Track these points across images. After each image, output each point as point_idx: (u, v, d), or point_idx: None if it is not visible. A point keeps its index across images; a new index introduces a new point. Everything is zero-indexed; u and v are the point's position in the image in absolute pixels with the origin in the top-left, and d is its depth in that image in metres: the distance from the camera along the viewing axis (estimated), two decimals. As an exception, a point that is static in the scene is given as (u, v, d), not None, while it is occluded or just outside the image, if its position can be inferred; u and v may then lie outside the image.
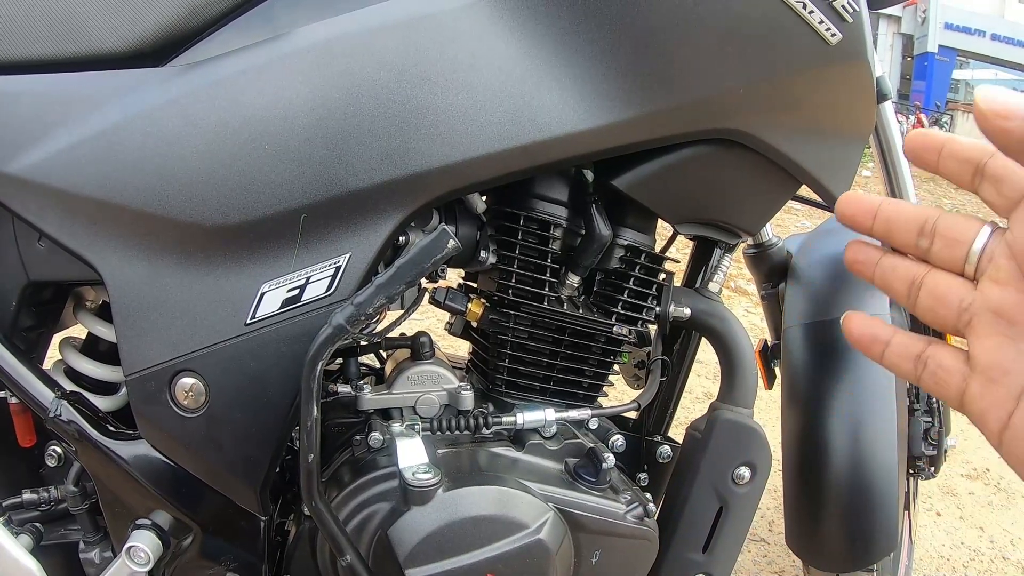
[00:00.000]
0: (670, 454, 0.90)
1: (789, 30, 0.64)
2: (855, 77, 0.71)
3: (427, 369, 0.76)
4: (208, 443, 0.63)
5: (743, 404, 0.85)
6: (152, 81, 0.60)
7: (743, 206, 0.77)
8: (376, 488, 0.68)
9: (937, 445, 1.20)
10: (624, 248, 0.77)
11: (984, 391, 0.32)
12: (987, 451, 2.42)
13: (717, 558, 0.85)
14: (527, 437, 0.77)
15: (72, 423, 0.64)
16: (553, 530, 0.68)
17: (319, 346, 0.56)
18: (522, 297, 0.74)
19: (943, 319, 0.34)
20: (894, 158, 1.09)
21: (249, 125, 0.58)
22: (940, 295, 0.34)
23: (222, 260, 0.60)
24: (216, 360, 0.61)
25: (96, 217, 0.60)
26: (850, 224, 0.37)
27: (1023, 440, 0.30)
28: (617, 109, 0.62)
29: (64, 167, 0.59)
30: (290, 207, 0.59)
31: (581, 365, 0.79)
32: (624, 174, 0.69)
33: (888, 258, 0.36)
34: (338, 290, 0.61)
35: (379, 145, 0.59)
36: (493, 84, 0.60)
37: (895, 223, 0.35)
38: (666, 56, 0.62)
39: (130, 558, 0.64)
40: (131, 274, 0.61)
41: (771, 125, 0.69)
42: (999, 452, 0.32)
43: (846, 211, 0.37)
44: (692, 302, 0.85)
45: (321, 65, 0.59)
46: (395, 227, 0.61)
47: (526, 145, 0.60)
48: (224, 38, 0.63)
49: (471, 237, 0.74)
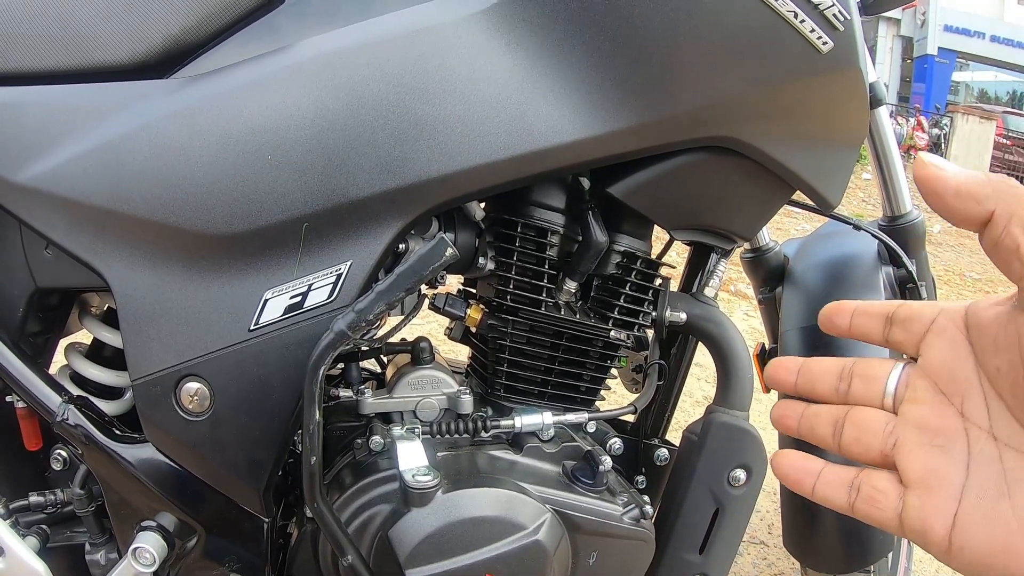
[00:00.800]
0: (667, 457, 0.91)
1: (781, 39, 0.64)
2: (847, 84, 0.71)
3: (427, 374, 0.77)
4: (212, 446, 0.64)
5: (739, 407, 0.85)
6: (157, 92, 0.62)
7: (738, 212, 0.79)
8: (377, 490, 0.70)
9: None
10: (620, 254, 0.78)
11: (923, 502, 0.32)
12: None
13: (714, 559, 0.86)
14: (525, 440, 0.78)
15: (79, 427, 0.65)
16: (550, 531, 0.70)
17: (321, 351, 0.57)
18: (520, 303, 0.75)
19: (869, 447, 0.35)
20: (889, 163, 1.10)
21: (252, 136, 0.60)
22: (863, 425, 0.35)
23: (226, 268, 0.61)
24: (221, 365, 0.62)
25: (102, 225, 0.61)
26: (776, 386, 0.40)
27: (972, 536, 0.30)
28: (612, 118, 0.63)
29: (71, 176, 0.61)
30: (292, 216, 0.60)
31: (579, 369, 0.81)
32: (620, 181, 0.71)
33: (812, 407, 0.38)
34: (339, 297, 0.62)
35: (379, 155, 0.60)
36: (490, 95, 0.61)
37: (815, 374, 0.38)
38: (660, 66, 0.63)
39: (135, 559, 0.65)
40: (137, 281, 0.62)
41: (764, 133, 0.69)
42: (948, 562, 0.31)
43: (772, 375, 0.40)
44: (688, 307, 0.86)
45: (322, 77, 0.60)
46: (395, 235, 0.62)
47: (523, 155, 0.62)
48: (227, 51, 0.64)
49: (470, 244, 0.75)
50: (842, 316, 0.38)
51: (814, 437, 0.37)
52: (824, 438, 0.37)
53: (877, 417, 0.35)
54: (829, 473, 0.36)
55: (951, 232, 6.97)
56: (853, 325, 0.37)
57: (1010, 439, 0.31)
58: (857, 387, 0.36)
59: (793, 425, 0.38)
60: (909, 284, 1.08)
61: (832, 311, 0.38)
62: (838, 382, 0.37)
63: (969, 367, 0.33)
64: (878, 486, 0.34)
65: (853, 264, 1.10)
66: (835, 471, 0.36)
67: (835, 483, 0.35)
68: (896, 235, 1.09)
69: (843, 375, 0.37)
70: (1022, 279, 0.29)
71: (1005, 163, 13.03)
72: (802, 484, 0.36)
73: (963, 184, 0.31)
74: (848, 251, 1.12)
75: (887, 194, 1.13)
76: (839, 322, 0.38)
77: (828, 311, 0.38)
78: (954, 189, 0.31)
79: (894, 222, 1.12)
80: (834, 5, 0.64)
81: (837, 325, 0.38)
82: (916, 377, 0.34)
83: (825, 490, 0.36)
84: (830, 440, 0.36)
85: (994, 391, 0.32)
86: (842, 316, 0.38)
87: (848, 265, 1.10)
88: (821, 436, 0.37)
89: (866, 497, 0.34)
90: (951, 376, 0.33)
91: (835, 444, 0.36)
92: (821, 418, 0.37)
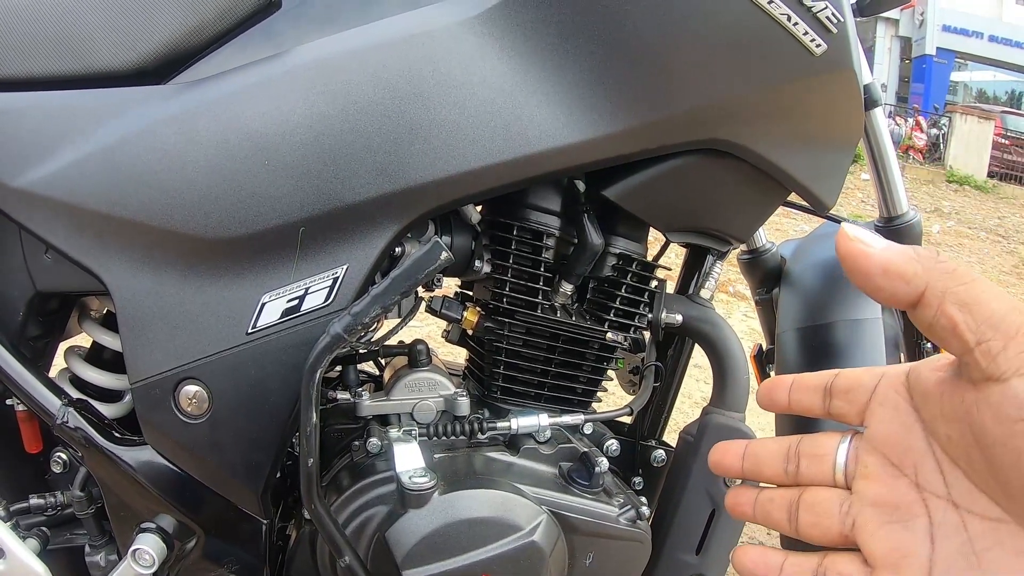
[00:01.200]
0: (664, 458, 0.91)
1: (774, 42, 0.65)
2: (841, 86, 0.72)
3: (424, 376, 0.77)
4: (211, 448, 0.65)
5: (735, 408, 0.86)
6: (155, 98, 0.62)
7: (733, 214, 0.79)
8: (374, 492, 0.70)
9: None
10: (616, 256, 0.79)
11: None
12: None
13: (710, 560, 0.86)
14: (522, 442, 0.78)
15: (79, 429, 0.65)
16: (547, 532, 0.70)
17: (318, 354, 0.58)
18: (516, 305, 0.75)
19: (828, 530, 0.33)
20: (885, 164, 1.10)
21: (249, 141, 0.60)
22: (818, 508, 0.34)
23: (224, 271, 0.62)
24: (219, 368, 0.63)
25: (101, 230, 0.62)
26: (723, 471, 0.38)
27: None
28: (606, 122, 0.63)
29: (70, 181, 0.61)
30: (289, 220, 0.61)
31: (575, 371, 0.81)
32: (615, 184, 0.71)
33: (765, 492, 0.37)
34: (336, 300, 0.62)
35: (374, 160, 0.60)
36: (484, 99, 0.61)
37: (761, 457, 0.37)
38: (654, 69, 0.63)
39: (135, 561, 0.65)
40: (136, 285, 0.63)
41: (759, 135, 0.70)
42: None
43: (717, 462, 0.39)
44: (684, 308, 0.86)
45: (318, 83, 0.61)
46: (390, 239, 0.63)
47: (517, 158, 0.62)
48: (224, 56, 0.65)
49: (466, 247, 0.75)
50: (780, 393, 0.37)
51: (770, 523, 0.36)
52: (780, 523, 0.35)
53: (831, 498, 0.34)
54: (791, 565, 0.34)
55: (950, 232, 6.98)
56: (792, 401, 0.36)
57: (971, 505, 0.29)
58: (806, 467, 0.35)
59: (748, 512, 0.37)
60: (905, 285, 1.08)
61: (769, 389, 0.37)
62: (785, 463, 0.36)
63: (917, 435, 0.31)
64: (844, 571, 0.32)
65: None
66: (797, 561, 0.34)
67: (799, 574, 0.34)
68: (893, 236, 1.09)
69: (790, 455, 0.36)
70: (963, 354, 0.28)
71: (1004, 163, 13.03)
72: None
73: (890, 262, 0.29)
74: (844, 252, 1.12)
75: (883, 195, 1.13)
76: (777, 399, 0.37)
77: (765, 389, 0.37)
78: (881, 267, 0.29)
79: (891, 223, 1.12)
80: (827, 7, 0.64)
81: (776, 402, 0.37)
82: (865, 451, 0.33)
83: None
84: (786, 525, 0.35)
85: (947, 457, 0.30)
86: (780, 393, 0.37)
87: (844, 266, 1.10)
88: (777, 521, 0.36)
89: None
90: (900, 447, 0.32)
91: (792, 529, 0.35)
92: (775, 503, 0.36)
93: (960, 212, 8.79)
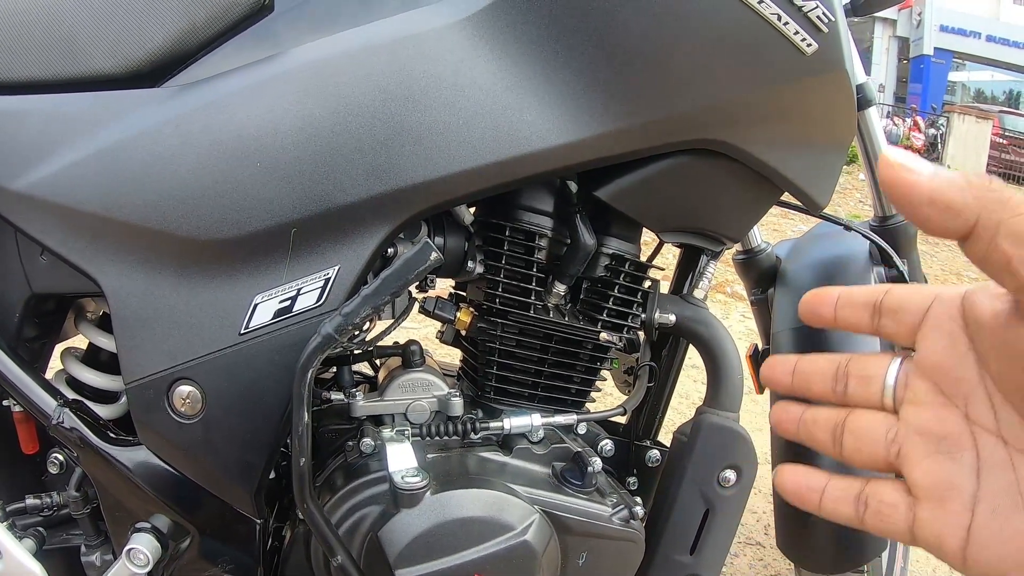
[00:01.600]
0: (659, 458, 0.91)
1: (765, 42, 0.65)
2: (833, 86, 0.72)
3: (418, 377, 0.78)
4: (205, 448, 0.65)
5: (729, 408, 0.86)
6: (149, 101, 0.63)
7: (726, 214, 0.79)
8: (367, 492, 0.70)
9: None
10: (609, 257, 0.79)
11: (934, 514, 0.30)
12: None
13: (704, 560, 0.86)
14: (515, 442, 0.78)
15: (74, 430, 0.66)
16: (539, 532, 0.70)
17: (309, 354, 0.58)
18: (509, 306, 0.76)
19: (872, 455, 0.33)
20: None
21: (241, 143, 0.60)
22: (864, 432, 0.33)
23: (217, 273, 0.62)
24: (212, 368, 0.63)
25: (96, 232, 0.62)
26: (772, 387, 0.38)
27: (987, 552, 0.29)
28: (598, 122, 0.64)
29: (66, 184, 0.62)
30: (281, 221, 0.61)
31: (569, 372, 0.81)
32: (607, 185, 0.71)
33: (810, 411, 0.36)
34: (327, 301, 0.63)
35: (365, 161, 0.61)
36: (475, 101, 0.62)
37: (810, 374, 0.36)
38: (644, 70, 0.64)
39: (130, 560, 0.66)
40: (130, 286, 0.63)
41: (750, 135, 0.70)
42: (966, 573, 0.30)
43: (768, 375, 0.37)
44: (677, 308, 0.86)
45: (310, 85, 0.61)
46: (382, 240, 0.63)
47: (508, 159, 0.62)
48: (218, 59, 0.65)
49: (459, 248, 0.76)
50: (825, 306, 0.35)
51: (814, 442, 0.35)
52: (824, 444, 0.34)
53: (877, 423, 0.33)
54: (834, 488, 0.34)
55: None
56: (838, 317, 0.34)
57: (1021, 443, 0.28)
58: (854, 387, 0.34)
59: (792, 430, 0.36)
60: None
61: (814, 301, 0.35)
62: (834, 382, 0.35)
63: (970, 365, 0.30)
64: (887, 499, 0.32)
65: (845, 265, 1.10)
66: (840, 485, 0.34)
67: (842, 498, 0.33)
68: (887, 236, 1.09)
69: (839, 375, 0.35)
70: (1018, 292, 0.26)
71: (1002, 162, 13.03)
72: (807, 500, 0.34)
73: (938, 190, 0.26)
74: (840, 252, 1.13)
75: (878, 195, 1.13)
76: (823, 313, 0.35)
77: (810, 301, 0.35)
78: (928, 196, 0.27)
79: (885, 223, 1.13)
80: (817, 7, 0.65)
81: (821, 316, 0.35)
82: (915, 376, 0.32)
83: (832, 505, 0.34)
84: (830, 447, 0.34)
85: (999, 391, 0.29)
86: (825, 306, 0.35)
87: (840, 266, 1.11)
88: (821, 442, 0.35)
89: (875, 512, 0.32)
90: (952, 376, 0.30)
91: (836, 452, 0.34)
92: (819, 424, 0.35)
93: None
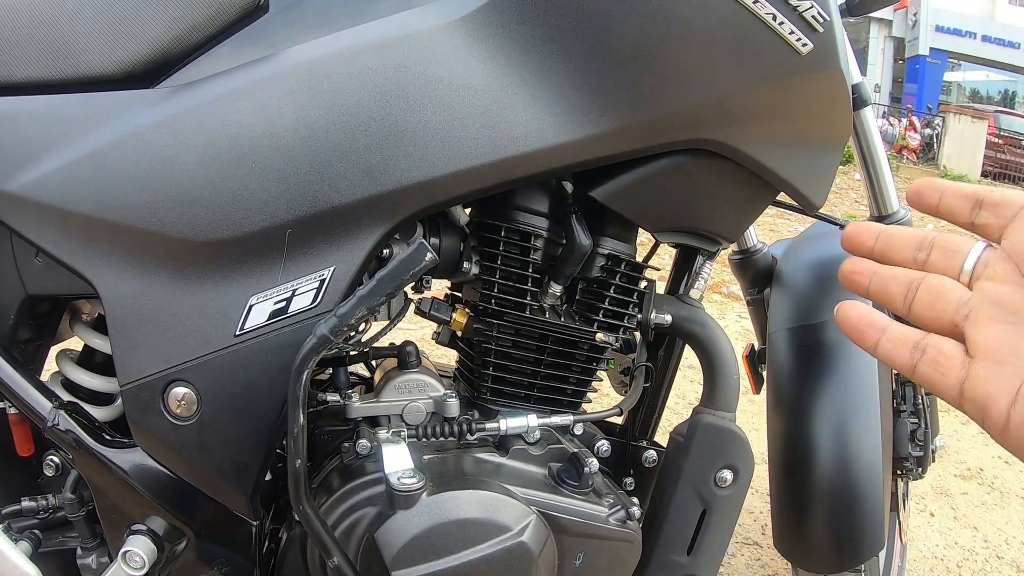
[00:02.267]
0: (655, 458, 0.91)
1: (759, 41, 0.65)
2: (828, 86, 0.72)
3: (413, 378, 0.78)
4: (200, 450, 0.65)
5: (725, 408, 0.86)
6: (143, 102, 0.63)
7: (721, 214, 0.79)
8: (363, 493, 0.70)
9: (923, 446, 1.22)
10: (605, 257, 0.79)
11: (988, 373, 0.32)
12: (981, 451, 2.43)
13: (701, 560, 0.86)
14: (511, 443, 0.78)
15: (69, 432, 0.66)
16: (535, 533, 0.70)
17: (304, 355, 0.58)
18: (505, 306, 0.76)
19: (942, 313, 0.34)
20: (875, 163, 1.10)
21: (236, 144, 0.60)
22: (939, 291, 0.35)
23: (212, 274, 0.62)
24: (207, 370, 0.63)
25: (91, 233, 0.62)
26: (853, 247, 0.39)
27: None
28: (592, 123, 0.64)
29: (60, 185, 0.61)
30: (276, 222, 0.61)
31: (565, 372, 0.81)
32: (602, 185, 0.71)
33: (887, 268, 0.37)
34: (323, 302, 0.63)
35: (361, 162, 0.61)
36: (470, 101, 0.62)
37: (896, 239, 0.37)
38: (639, 70, 0.64)
39: (126, 563, 0.66)
40: (125, 288, 0.63)
41: (745, 135, 0.70)
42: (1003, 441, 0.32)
43: (852, 235, 0.39)
44: (673, 309, 0.86)
45: (304, 86, 0.61)
46: (377, 241, 0.63)
47: (503, 159, 0.62)
48: (212, 60, 0.65)
49: (454, 248, 0.76)
50: (932, 193, 0.37)
51: (885, 296, 0.36)
52: (895, 298, 0.36)
53: (953, 287, 0.35)
54: (895, 330, 0.35)
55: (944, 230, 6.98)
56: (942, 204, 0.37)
57: None
58: (936, 257, 0.36)
59: (864, 282, 0.37)
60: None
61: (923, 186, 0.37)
62: (916, 252, 0.36)
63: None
64: (944, 350, 0.34)
65: (841, 264, 1.10)
66: (902, 329, 0.35)
67: (901, 341, 0.35)
68: (883, 235, 1.09)
69: (923, 245, 0.36)
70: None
71: (997, 162, 13.06)
72: (866, 337, 0.36)
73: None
74: (836, 252, 1.13)
75: (874, 194, 1.13)
76: (928, 198, 0.37)
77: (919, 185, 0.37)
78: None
79: (881, 222, 1.13)
80: (812, 7, 0.65)
81: (926, 201, 0.37)
82: (997, 258, 0.34)
83: (889, 347, 0.35)
84: (900, 302, 0.36)
85: None
86: (932, 193, 0.37)
87: (836, 266, 1.11)
88: (893, 296, 0.36)
89: (931, 360, 0.34)
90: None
91: (905, 307, 0.36)
92: (896, 279, 0.36)
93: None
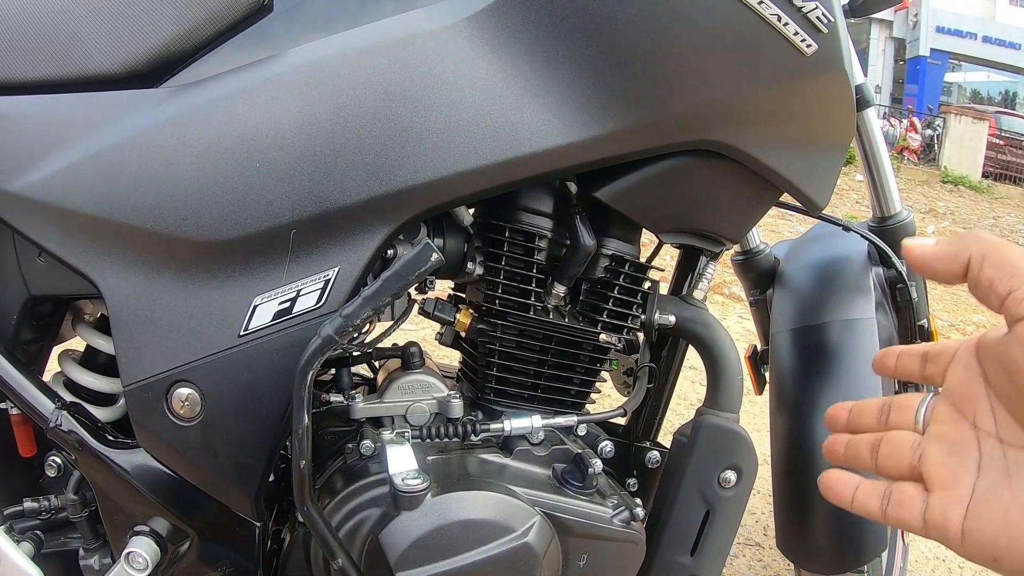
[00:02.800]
0: (659, 459, 0.91)
1: (764, 42, 0.65)
2: (832, 86, 0.72)
3: (417, 378, 0.77)
4: (204, 451, 0.65)
5: (728, 409, 0.86)
6: (147, 102, 0.62)
7: (725, 215, 0.79)
8: (367, 494, 0.70)
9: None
10: (608, 258, 0.79)
11: (942, 499, 0.38)
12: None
13: (705, 561, 0.86)
14: (515, 443, 0.78)
15: (72, 433, 0.65)
16: (540, 534, 0.70)
17: (309, 356, 0.58)
18: (508, 307, 0.75)
19: (900, 460, 0.41)
20: (878, 164, 1.10)
21: (240, 144, 0.60)
22: (897, 443, 0.42)
23: (216, 274, 0.62)
24: (211, 371, 0.63)
25: (95, 233, 0.62)
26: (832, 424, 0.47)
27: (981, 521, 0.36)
28: (596, 123, 0.64)
29: (63, 185, 0.61)
30: (280, 223, 0.61)
31: (568, 373, 0.81)
32: (606, 186, 0.71)
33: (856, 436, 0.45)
34: (327, 303, 0.63)
35: (365, 162, 0.61)
36: (475, 102, 0.62)
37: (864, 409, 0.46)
38: (644, 71, 0.64)
39: (129, 564, 0.65)
40: (128, 288, 0.63)
41: (749, 136, 0.70)
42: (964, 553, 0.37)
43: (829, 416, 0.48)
44: (677, 309, 0.86)
45: (309, 85, 0.61)
46: (382, 241, 0.63)
47: (508, 160, 0.62)
48: (216, 60, 0.65)
49: (458, 249, 0.76)
50: (890, 357, 0.46)
51: (857, 458, 0.44)
52: (864, 458, 0.44)
53: (908, 437, 0.42)
54: (865, 485, 0.42)
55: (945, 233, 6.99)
56: (898, 364, 0.46)
57: (1013, 439, 0.37)
58: (895, 416, 0.44)
59: (840, 451, 0.45)
60: (899, 284, 1.08)
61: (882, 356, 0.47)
62: (880, 415, 0.45)
63: (979, 385, 0.39)
64: (906, 492, 0.40)
65: (843, 265, 1.10)
66: (871, 484, 0.42)
67: (871, 492, 0.42)
68: (886, 236, 1.09)
69: (884, 409, 0.45)
70: (999, 309, 0.36)
71: (998, 163, 13.06)
72: (843, 495, 0.43)
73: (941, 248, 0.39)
74: (838, 252, 1.13)
75: (876, 195, 1.13)
76: (888, 361, 0.46)
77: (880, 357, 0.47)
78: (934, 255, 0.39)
79: (884, 223, 1.13)
80: (817, 8, 0.65)
81: (886, 365, 0.46)
82: (939, 402, 0.41)
83: (862, 499, 0.42)
84: (868, 460, 0.43)
85: (998, 400, 0.38)
86: (890, 357, 0.46)
87: (838, 266, 1.11)
88: (863, 457, 0.44)
89: (896, 502, 0.40)
90: (965, 396, 0.40)
91: (873, 463, 0.43)
92: (864, 442, 0.44)
93: (955, 212, 8.82)
